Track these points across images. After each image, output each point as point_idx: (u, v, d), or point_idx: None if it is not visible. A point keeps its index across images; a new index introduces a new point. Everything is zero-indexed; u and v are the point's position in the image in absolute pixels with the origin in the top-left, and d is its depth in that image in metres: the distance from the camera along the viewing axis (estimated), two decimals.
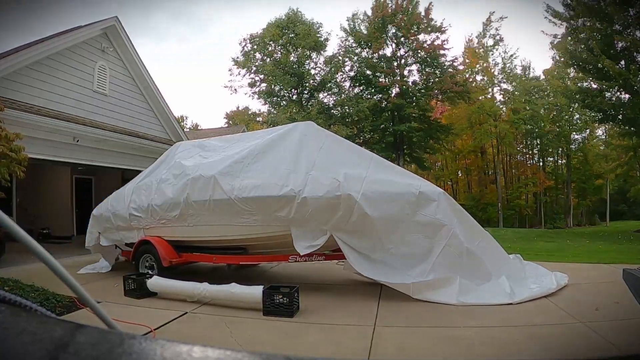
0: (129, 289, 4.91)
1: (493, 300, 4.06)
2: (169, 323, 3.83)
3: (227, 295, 4.30)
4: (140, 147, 9.89)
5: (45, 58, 7.89)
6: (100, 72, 9.30)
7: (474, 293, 4.20)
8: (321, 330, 3.57)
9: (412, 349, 3.10)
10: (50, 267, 0.56)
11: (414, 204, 4.53)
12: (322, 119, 19.77)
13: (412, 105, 22.44)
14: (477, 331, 3.38)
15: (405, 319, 3.79)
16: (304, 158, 4.94)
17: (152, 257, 5.62)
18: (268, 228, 4.91)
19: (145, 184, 6.11)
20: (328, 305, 4.34)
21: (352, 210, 4.47)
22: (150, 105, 11.01)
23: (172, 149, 6.59)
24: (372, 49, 22.82)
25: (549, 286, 4.43)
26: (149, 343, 0.40)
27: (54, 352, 0.38)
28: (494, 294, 4.18)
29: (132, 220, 5.96)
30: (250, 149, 5.35)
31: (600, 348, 2.84)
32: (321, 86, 22.63)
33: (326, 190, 4.52)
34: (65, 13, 51.83)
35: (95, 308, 0.63)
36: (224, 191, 5.00)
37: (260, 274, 6.41)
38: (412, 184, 4.76)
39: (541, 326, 3.39)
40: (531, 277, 4.85)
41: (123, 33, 9.78)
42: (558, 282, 4.53)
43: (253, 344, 3.29)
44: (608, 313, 3.58)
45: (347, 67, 23.46)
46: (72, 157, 8.43)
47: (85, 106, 8.78)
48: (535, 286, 4.47)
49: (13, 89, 7.16)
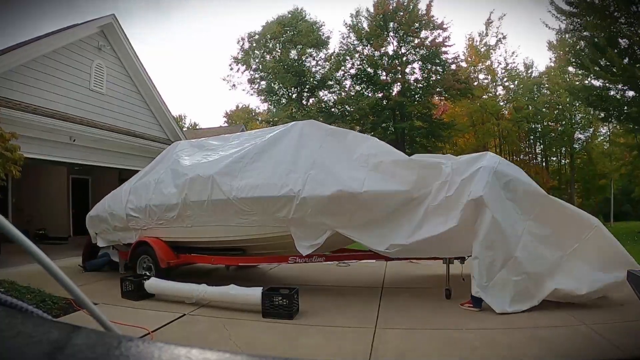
0: (126, 290, 4.86)
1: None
2: (167, 325, 3.80)
3: (225, 297, 4.27)
4: (137, 146, 9.83)
5: (41, 56, 7.82)
6: (97, 70, 9.23)
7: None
8: (321, 333, 3.53)
9: (413, 351, 3.06)
10: (47, 268, 0.55)
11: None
12: (322, 118, 19.78)
13: (414, 103, 22.46)
14: (479, 333, 3.35)
15: (407, 321, 3.75)
16: (304, 157, 4.89)
17: (150, 258, 5.56)
18: (267, 229, 4.86)
19: (142, 184, 6.05)
20: (328, 307, 4.29)
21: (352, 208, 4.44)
22: (147, 104, 10.95)
23: (170, 149, 6.55)
24: (374, 46, 22.82)
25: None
26: (147, 345, 0.39)
27: (51, 354, 0.38)
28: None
29: (129, 221, 5.90)
30: (249, 148, 5.31)
31: (605, 351, 2.82)
32: (322, 84, 22.66)
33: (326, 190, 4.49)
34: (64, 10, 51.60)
35: (92, 310, 0.62)
36: (222, 191, 4.95)
37: (260, 275, 6.36)
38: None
39: (544, 328, 3.36)
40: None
41: (120, 31, 9.72)
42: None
43: (252, 347, 3.26)
44: (612, 314, 3.56)
45: (348, 64, 23.52)
46: (68, 157, 8.36)
47: (82, 105, 8.71)
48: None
49: (8, 88, 7.09)
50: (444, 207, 4.28)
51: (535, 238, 4.01)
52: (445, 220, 4.22)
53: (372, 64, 22.89)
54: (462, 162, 4.47)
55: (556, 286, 3.77)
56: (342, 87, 23.26)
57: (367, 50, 23.39)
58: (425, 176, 4.50)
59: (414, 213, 4.44)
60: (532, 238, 4.00)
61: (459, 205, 4.16)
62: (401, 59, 23.17)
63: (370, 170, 4.63)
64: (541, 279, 3.86)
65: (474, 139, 27.85)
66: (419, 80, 23.57)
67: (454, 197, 4.23)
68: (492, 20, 25.14)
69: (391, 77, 23.06)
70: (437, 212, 4.31)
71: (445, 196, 4.29)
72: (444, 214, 4.27)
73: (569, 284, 3.76)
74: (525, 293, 3.84)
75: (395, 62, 23.08)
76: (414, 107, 22.38)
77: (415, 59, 23.33)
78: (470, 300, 4.01)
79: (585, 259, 3.88)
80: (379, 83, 22.90)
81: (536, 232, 4.03)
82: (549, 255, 3.95)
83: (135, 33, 51.69)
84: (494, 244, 3.95)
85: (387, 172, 4.62)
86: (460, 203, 4.15)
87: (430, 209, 4.36)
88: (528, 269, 3.87)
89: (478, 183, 4.10)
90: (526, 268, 3.87)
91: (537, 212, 4.09)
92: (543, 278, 3.86)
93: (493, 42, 25.89)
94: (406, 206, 4.49)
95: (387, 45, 23.08)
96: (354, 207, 4.47)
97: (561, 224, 4.05)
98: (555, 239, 4.02)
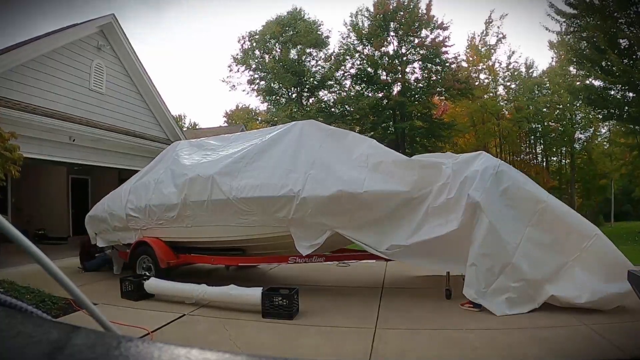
0: (126, 290, 4.85)
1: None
2: (166, 325, 3.79)
3: (225, 297, 4.26)
4: (137, 146, 9.82)
5: (41, 56, 7.81)
6: (96, 70, 9.21)
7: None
8: (321, 333, 3.52)
9: (413, 351, 3.06)
10: (46, 268, 0.55)
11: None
12: (322, 118, 19.79)
13: (414, 103, 22.45)
14: (479, 334, 3.35)
15: (407, 321, 3.75)
16: (304, 157, 4.88)
17: (150, 258, 5.55)
18: (267, 229, 4.85)
19: (142, 183, 6.04)
20: (328, 307, 4.29)
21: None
22: (147, 104, 10.93)
23: (170, 149, 6.54)
24: (374, 46, 22.80)
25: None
26: (147, 346, 0.39)
27: (50, 354, 0.38)
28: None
29: (129, 221, 5.89)
30: (249, 148, 5.30)
31: (605, 351, 2.81)
32: (321, 84, 22.66)
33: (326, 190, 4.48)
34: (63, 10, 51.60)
35: (91, 310, 0.62)
36: (222, 191, 4.95)
37: (260, 275, 6.36)
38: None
39: (544, 328, 3.35)
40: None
41: (120, 30, 9.71)
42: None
43: (252, 347, 3.25)
44: (613, 315, 3.55)
45: (348, 64, 23.49)
46: (68, 157, 8.35)
47: (81, 105, 8.69)
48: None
49: (8, 88, 7.08)
50: (445, 209, 4.27)
51: (535, 245, 3.97)
52: (446, 223, 4.21)
53: (373, 64, 22.87)
54: (462, 163, 4.46)
55: (556, 293, 3.75)
56: (342, 87, 23.25)
57: (367, 50, 23.38)
58: (425, 177, 4.48)
59: (414, 214, 4.42)
60: (532, 245, 3.96)
61: (459, 208, 4.15)
62: (401, 59, 23.15)
63: (370, 171, 4.62)
64: (541, 285, 3.83)
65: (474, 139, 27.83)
66: (419, 80, 23.55)
67: (454, 200, 4.21)
68: (492, 20, 25.18)
69: (391, 77, 23.04)
70: (438, 214, 4.30)
71: (446, 198, 4.27)
72: (444, 216, 4.25)
73: (569, 292, 3.72)
74: (525, 297, 3.82)
75: (396, 62, 23.06)
76: (414, 107, 22.35)
77: (415, 58, 23.31)
78: (470, 301, 4.00)
79: (585, 268, 3.84)
80: (379, 83, 22.88)
81: (536, 238, 3.99)
82: (548, 262, 3.91)
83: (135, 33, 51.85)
84: (492, 249, 3.92)
85: (387, 172, 4.61)
86: (461, 206, 4.13)
87: (430, 210, 4.35)
88: (527, 275, 3.83)
89: (476, 189, 4.08)
90: (525, 274, 3.84)
91: (536, 218, 4.05)
92: (542, 284, 3.83)
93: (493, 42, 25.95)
94: (406, 207, 4.47)
95: (387, 45, 23.09)
96: (354, 207, 4.46)
97: (561, 232, 4.01)
98: (555, 246, 3.98)
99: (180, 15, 59.21)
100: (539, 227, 4.03)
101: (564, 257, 3.93)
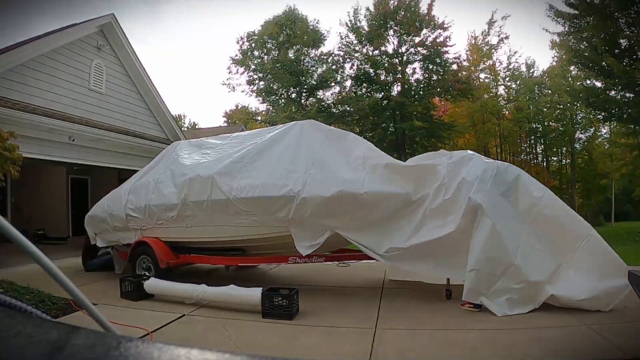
0: (125, 291, 4.84)
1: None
2: (166, 325, 3.78)
3: (225, 297, 4.25)
4: (137, 146, 9.82)
5: (40, 56, 7.80)
6: (96, 70, 9.22)
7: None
8: (321, 333, 3.51)
9: (413, 352, 3.05)
10: (46, 268, 0.55)
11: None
12: (321, 118, 19.78)
13: (414, 104, 22.44)
14: (479, 334, 3.34)
15: (407, 321, 3.74)
16: (304, 157, 4.88)
17: (149, 258, 5.54)
18: (267, 229, 4.84)
19: (142, 183, 6.03)
20: (328, 307, 4.28)
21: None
22: (147, 104, 10.94)
23: (170, 148, 6.53)
24: (374, 46, 22.77)
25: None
26: (146, 346, 0.39)
27: (50, 355, 0.38)
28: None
29: (128, 221, 5.88)
30: (249, 148, 5.29)
31: (605, 351, 2.81)
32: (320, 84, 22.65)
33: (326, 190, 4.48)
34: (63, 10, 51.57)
35: (91, 310, 0.62)
36: (222, 191, 4.93)
37: (260, 275, 6.35)
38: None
39: (544, 328, 3.35)
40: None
41: (119, 30, 9.71)
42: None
43: (252, 347, 3.24)
44: (613, 315, 3.55)
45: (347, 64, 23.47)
46: (67, 157, 8.35)
47: (81, 105, 8.70)
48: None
49: (7, 88, 7.08)
50: (442, 211, 4.26)
51: (534, 245, 3.97)
52: (443, 225, 4.20)
53: (373, 64, 22.85)
54: (456, 163, 4.45)
55: (555, 292, 3.75)
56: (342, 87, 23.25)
57: (367, 50, 23.38)
58: (422, 178, 4.49)
59: (412, 215, 4.42)
60: (531, 245, 3.96)
61: (456, 209, 4.14)
62: (401, 59, 23.15)
63: (368, 172, 4.62)
64: (541, 286, 3.83)
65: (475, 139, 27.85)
66: (420, 81, 23.54)
67: (451, 201, 4.21)
68: (495, 20, 25.18)
69: (391, 77, 23.03)
70: (435, 216, 4.30)
71: (442, 199, 4.27)
72: (442, 217, 4.25)
73: (568, 291, 3.73)
74: (525, 297, 3.82)
75: (396, 62, 23.05)
76: (415, 107, 22.35)
77: (416, 58, 23.31)
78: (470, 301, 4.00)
79: (581, 267, 3.85)
80: (379, 83, 22.86)
81: (534, 238, 3.99)
82: (547, 262, 3.91)
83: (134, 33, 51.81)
84: (495, 252, 3.90)
85: (384, 174, 4.62)
86: (458, 207, 4.12)
87: (428, 212, 4.35)
88: (528, 276, 3.83)
89: (477, 191, 4.06)
90: (526, 275, 3.83)
91: (533, 218, 4.05)
92: (542, 285, 3.83)
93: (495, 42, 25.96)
94: (405, 208, 4.47)
95: (387, 44, 23.10)
96: (354, 207, 4.45)
97: (557, 230, 4.02)
98: (552, 246, 3.98)
99: (180, 16, 59.22)
100: (536, 226, 4.04)
101: (560, 257, 3.94)
